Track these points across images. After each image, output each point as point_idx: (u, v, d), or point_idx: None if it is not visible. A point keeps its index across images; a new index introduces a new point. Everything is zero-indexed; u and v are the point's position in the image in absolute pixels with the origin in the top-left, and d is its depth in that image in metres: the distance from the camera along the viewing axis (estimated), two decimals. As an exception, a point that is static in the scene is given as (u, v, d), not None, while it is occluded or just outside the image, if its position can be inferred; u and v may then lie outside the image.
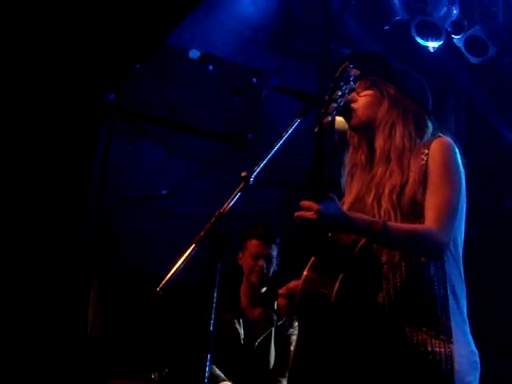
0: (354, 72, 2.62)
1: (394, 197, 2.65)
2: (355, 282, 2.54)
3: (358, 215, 2.58)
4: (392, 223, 2.57)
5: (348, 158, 2.94)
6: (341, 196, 2.92)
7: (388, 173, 2.72)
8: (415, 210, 2.64)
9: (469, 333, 2.67)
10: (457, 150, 2.74)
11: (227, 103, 6.20)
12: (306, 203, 2.49)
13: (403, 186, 2.66)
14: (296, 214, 2.52)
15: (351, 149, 2.93)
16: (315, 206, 2.45)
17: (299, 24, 6.51)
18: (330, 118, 2.53)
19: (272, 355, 4.57)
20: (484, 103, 6.43)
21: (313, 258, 2.64)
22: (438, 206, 2.61)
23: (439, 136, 2.77)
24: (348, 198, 2.87)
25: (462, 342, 2.60)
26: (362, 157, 2.88)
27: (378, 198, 2.67)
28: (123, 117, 5.87)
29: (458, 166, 2.71)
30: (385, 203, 2.65)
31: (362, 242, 2.58)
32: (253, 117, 6.01)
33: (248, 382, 4.52)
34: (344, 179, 2.96)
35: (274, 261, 4.73)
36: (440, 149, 2.71)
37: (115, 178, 5.74)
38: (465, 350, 2.59)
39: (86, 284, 5.38)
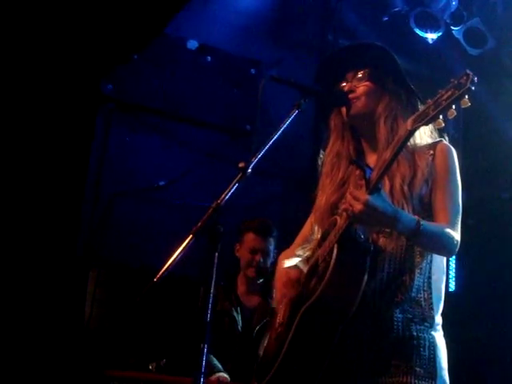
0: None
1: (406, 188, 2.69)
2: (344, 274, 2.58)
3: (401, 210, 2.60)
4: (425, 221, 2.60)
5: (330, 148, 2.96)
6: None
7: (395, 163, 2.69)
8: (423, 204, 2.70)
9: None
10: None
11: (225, 94, 6.19)
12: (355, 192, 2.51)
13: (412, 178, 2.70)
14: (343, 206, 2.56)
15: (335, 139, 2.95)
16: (364, 197, 2.46)
17: (297, 15, 6.50)
18: None
19: None
20: (482, 95, 6.42)
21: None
22: (449, 207, 2.70)
23: (441, 140, 2.82)
24: (330, 186, 2.89)
25: (440, 331, 2.73)
26: (350, 147, 2.91)
27: (390, 189, 2.68)
28: (121, 107, 5.85)
29: (457, 170, 2.79)
30: (397, 194, 2.67)
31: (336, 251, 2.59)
32: (251, 107, 5.99)
33: (246, 369, 4.50)
34: (323, 167, 2.97)
35: (271, 254, 4.72)
36: (446, 153, 2.78)
37: (113, 169, 5.73)
38: (442, 339, 2.72)
39: (83, 275, 5.37)
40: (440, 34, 6.37)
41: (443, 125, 2.41)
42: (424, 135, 2.81)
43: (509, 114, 6.27)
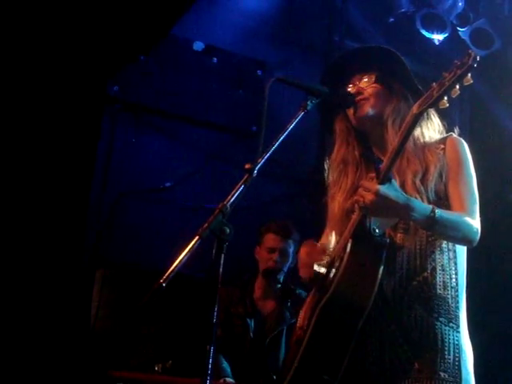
0: None
1: (418, 182, 2.67)
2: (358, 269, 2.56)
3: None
4: (440, 209, 2.57)
5: (335, 155, 2.94)
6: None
7: (405, 161, 2.72)
8: (440, 198, 2.67)
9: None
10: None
11: (231, 95, 6.19)
12: (366, 184, 2.50)
13: (424, 173, 2.69)
14: (355, 198, 2.53)
15: (340, 145, 2.94)
16: (375, 186, 2.45)
17: (303, 16, 6.49)
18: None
19: (282, 353, 4.52)
20: (489, 96, 6.41)
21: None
22: (465, 196, 2.67)
23: (451, 135, 2.82)
24: (340, 194, 2.87)
25: (466, 332, 2.67)
26: (356, 152, 2.89)
27: (401, 185, 2.66)
28: (127, 108, 5.86)
29: (470, 161, 2.78)
30: (409, 189, 2.65)
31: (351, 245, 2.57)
32: (257, 109, 5.99)
33: (256, 376, 4.48)
34: (329, 175, 2.96)
35: (290, 256, 4.66)
36: (457, 145, 2.77)
37: (119, 170, 5.74)
38: (468, 340, 2.66)
39: (89, 276, 5.38)
40: (446, 34, 6.36)
41: (447, 105, 2.41)
42: (433, 133, 2.81)
43: (516, 115, 6.26)
